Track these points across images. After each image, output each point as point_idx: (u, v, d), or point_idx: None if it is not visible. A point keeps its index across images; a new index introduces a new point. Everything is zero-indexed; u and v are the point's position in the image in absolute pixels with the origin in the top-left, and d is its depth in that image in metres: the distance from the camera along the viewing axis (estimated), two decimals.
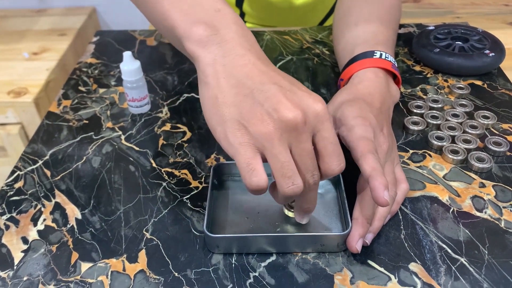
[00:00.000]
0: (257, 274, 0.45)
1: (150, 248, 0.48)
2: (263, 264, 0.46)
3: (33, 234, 0.51)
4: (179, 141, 0.62)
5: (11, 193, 0.56)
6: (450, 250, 0.47)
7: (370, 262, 0.46)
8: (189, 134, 0.63)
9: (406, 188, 0.51)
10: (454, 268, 0.45)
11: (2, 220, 0.53)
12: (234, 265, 0.46)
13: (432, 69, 0.74)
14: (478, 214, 0.51)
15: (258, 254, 0.47)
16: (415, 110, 0.65)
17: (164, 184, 0.56)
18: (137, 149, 0.61)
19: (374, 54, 0.60)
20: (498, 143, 0.58)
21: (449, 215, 0.51)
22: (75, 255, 0.48)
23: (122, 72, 0.64)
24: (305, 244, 0.47)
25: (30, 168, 0.59)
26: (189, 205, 0.53)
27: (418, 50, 0.75)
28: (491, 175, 0.55)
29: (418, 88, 0.70)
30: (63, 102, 0.71)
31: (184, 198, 0.54)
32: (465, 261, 0.46)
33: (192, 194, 0.54)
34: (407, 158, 0.58)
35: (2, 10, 1.59)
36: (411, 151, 0.59)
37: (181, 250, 0.48)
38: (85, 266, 0.47)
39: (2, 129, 1.19)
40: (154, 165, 0.59)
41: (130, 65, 0.63)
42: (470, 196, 0.53)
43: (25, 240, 0.50)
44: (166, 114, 0.67)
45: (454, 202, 0.52)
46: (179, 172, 0.57)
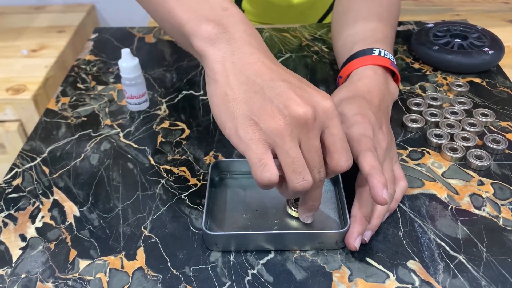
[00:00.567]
0: (255, 272, 0.45)
1: (148, 245, 0.48)
2: (261, 261, 0.46)
3: (31, 232, 0.51)
4: (178, 138, 0.62)
5: (9, 190, 0.56)
6: (448, 248, 0.47)
7: (369, 259, 0.46)
8: (187, 132, 0.63)
9: (405, 186, 0.51)
10: (452, 265, 0.45)
11: (0, 217, 0.52)
12: (232, 262, 0.46)
13: (431, 66, 0.74)
14: (477, 211, 0.51)
15: (256, 252, 0.47)
16: (414, 108, 0.65)
17: (162, 181, 0.56)
18: (135, 146, 0.61)
19: (373, 52, 0.60)
20: (497, 141, 0.58)
21: (447, 213, 0.51)
22: (73, 253, 0.48)
23: (120, 69, 0.64)
24: (303, 241, 0.47)
25: (28, 165, 0.59)
26: (187, 202, 0.53)
27: (417, 47, 0.75)
28: (490, 173, 0.55)
29: (417, 85, 0.70)
30: (62, 99, 0.71)
31: (182, 195, 0.54)
32: (463, 258, 0.46)
33: (190, 191, 0.54)
34: (406, 156, 0.58)
35: (0, 7, 1.59)
36: (410, 149, 0.59)
37: (179, 248, 0.48)
38: (83, 264, 0.47)
39: (1, 126, 1.19)
40: (153, 162, 0.59)
41: (128, 62, 0.63)
42: (468, 193, 0.53)
43: (23, 237, 0.50)
44: (165, 111, 0.67)
45: (453, 199, 0.52)
46: (178, 169, 0.57)
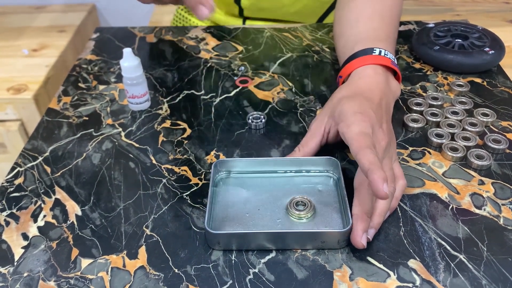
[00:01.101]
0: (256, 271, 0.46)
1: (150, 244, 0.49)
2: (263, 260, 0.47)
3: (33, 230, 0.51)
4: (179, 138, 0.62)
5: (11, 189, 0.56)
6: (449, 247, 0.47)
7: (370, 258, 0.46)
8: (189, 131, 0.63)
9: (404, 184, 0.51)
10: (453, 265, 0.45)
11: (2, 216, 0.53)
12: (233, 261, 0.47)
13: (431, 66, 0.74)
14: (477, 211, 0.51)
15: (257, 251, 0.47)
16: (415, 108, 0.65)
17: (164, 180, 0.56)
18: (137, 145, 0.61)
19: (374, 51, 0.60)
20: (498, 141, 0.59)
21: (448, 212, 0.51)
22: (75, 251, 0.48)
23: (122, 68, 0.64)
24: (305, 240, 0.47)
25: (30, 164, 0.59)
26: (189, 201, 0.53)
27: (418, 47, 0.75)
28: (490, 173, 0.55)
29: (417, 85, 0.70)
30: (63, 99, 0.71)
31: (184, 194, 0.54)
32: (464, 258, 0.46)
33: (192, 190, 0.55)
34: (407, 155, 0.58)
35: (1, 7, 1.59)
36: (411, 149, 0.59)
37: (181, 247, 0.48)
38: (85, 262, 0.47)
39: (2, 125, 1.19)
40: (154, 161, 0.59)
41: (130, 61, 0.63)
42: (469, 193, 0.53)
43: (25, 236, 0.50)
44: (166, 111, 0.67)
45: (453, 199, 0.52)
46: (179, 168, 0.57)
